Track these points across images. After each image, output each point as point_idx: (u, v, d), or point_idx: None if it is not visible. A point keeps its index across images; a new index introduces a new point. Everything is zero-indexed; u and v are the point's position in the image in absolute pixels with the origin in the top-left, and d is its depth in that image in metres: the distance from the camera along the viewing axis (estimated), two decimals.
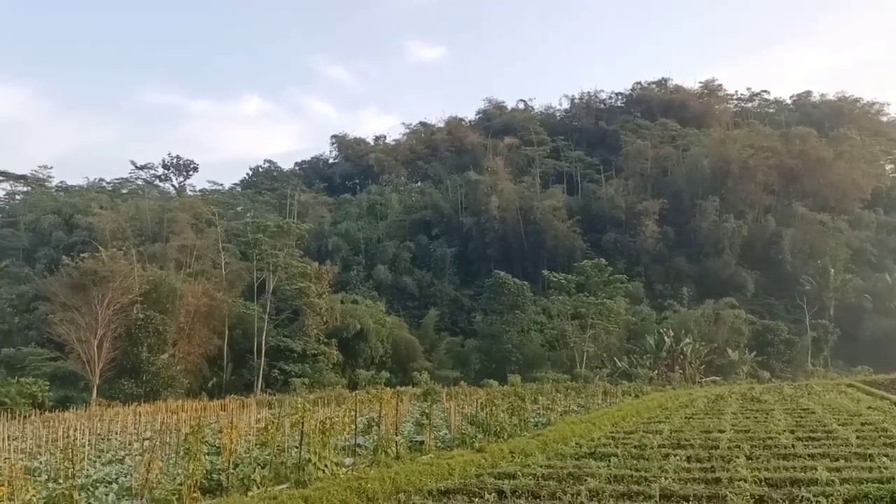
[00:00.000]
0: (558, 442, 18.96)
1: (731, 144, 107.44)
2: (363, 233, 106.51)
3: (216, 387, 59.79)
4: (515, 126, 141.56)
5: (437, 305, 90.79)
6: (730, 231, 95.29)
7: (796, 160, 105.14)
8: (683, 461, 14.74)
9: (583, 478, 13.06)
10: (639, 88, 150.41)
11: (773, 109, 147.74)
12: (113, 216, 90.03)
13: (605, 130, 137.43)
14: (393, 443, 17.16)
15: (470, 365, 71.43)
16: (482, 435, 20.10)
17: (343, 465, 15.30)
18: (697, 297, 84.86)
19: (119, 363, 54.49)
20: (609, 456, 15.77)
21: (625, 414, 27.44)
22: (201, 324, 62.60)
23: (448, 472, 14.27)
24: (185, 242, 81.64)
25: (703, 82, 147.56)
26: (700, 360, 66.87)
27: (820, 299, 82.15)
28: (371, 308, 75.32)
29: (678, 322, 72.73)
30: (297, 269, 70.07)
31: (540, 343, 73.26)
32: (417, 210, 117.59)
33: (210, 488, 13.09)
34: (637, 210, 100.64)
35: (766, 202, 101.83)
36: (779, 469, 13.33)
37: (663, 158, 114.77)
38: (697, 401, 34.54)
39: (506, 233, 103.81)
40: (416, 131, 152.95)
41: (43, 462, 15.46)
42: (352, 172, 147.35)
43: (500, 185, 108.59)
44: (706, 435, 19.55)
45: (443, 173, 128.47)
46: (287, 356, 63.80)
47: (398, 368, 69.08)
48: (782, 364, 72.30)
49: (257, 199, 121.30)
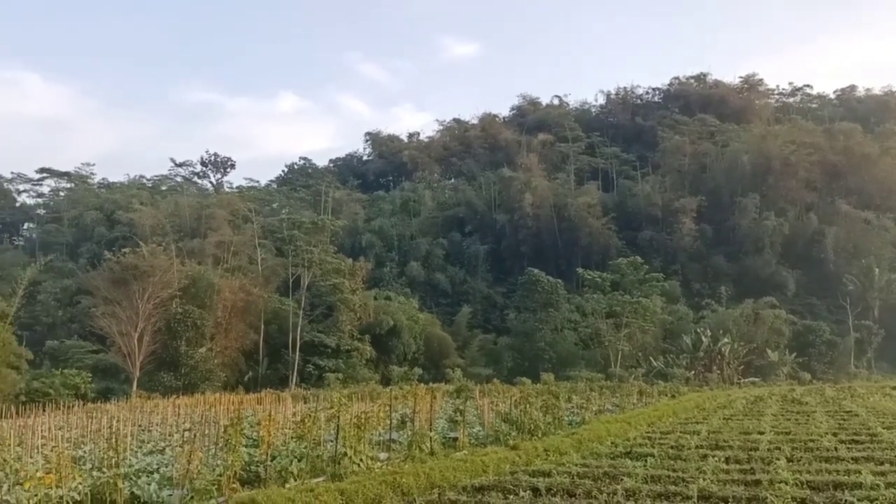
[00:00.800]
0: (593, 441, 18.79)
1: (772, 140, 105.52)
2: (396, 229, 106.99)
3: (252, 380, 60.62)
4: (550, 122, 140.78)
5: (470, 302, 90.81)
6: (770, 229, 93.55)
7: (840, 156, 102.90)
8: (722, 462, 14.49)
9: (619, 477, 12.91)
10: (677, 83, 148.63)
11: (816, 104, 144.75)
12: (153, 212, 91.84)
13: (641, 126, 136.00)
14: (427, 438, 17.18)
15: (502, 363, 71.27)
16: (516, 432, 20.03)
17: (378, 459, 15.34)
18: (736, 296, 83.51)
19: (158, 356, 55.53)
20: (645, 456, 15.57)
21: (661, 414, 27.10)
22: (238, 318, 63.52)
23: (482, 469, 14.25)
24: (222, 238, 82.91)
25: (743, 77, 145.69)
26: (738, 360, 65.81)
27: (864, 299, 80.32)
28: (404, 304, 75.63)
29: (716, 322, 71.74)
30: (332, 265, 70.65)
31: (573, 341, 72.81)
32: (451, 207, 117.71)
33: (248, 479, 13.26)
34: (674, 207, 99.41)
35: (808, 199, 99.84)
36: (821, 472, 13.03)
37: (702, 155, 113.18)
38: (736, 402, 33.97)
39: (539, 230, 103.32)
40: (449, 128, 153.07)
41: (87, 451, 15.83)
42: (385, 169, 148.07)
43: (534, 181, 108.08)
44: (745, 436, 19.20)
45: (476, 170, 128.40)
46: (321, 351, 64.40)
47: (430, 365, 69.25)
48: (824, 366, 70.92)
49: (293, 196, 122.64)
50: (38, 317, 72.41)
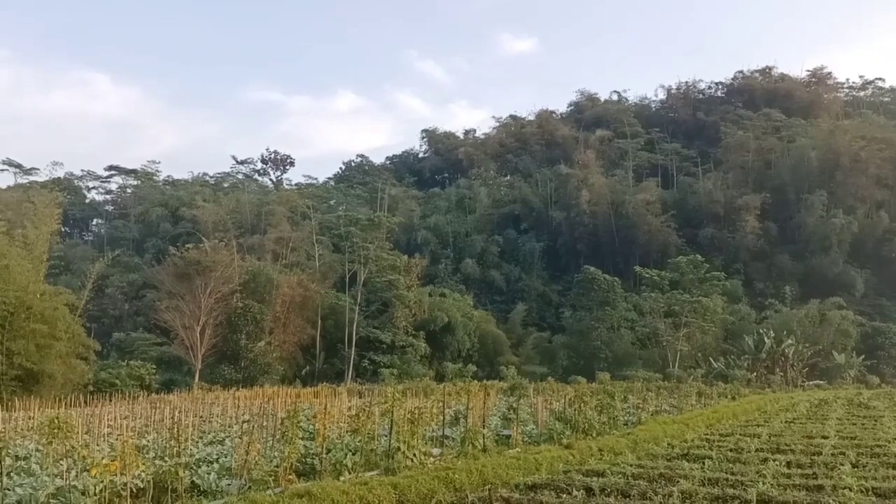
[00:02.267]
0: (649, 442, 18.51)
1: (841, 135, 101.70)
2: (452, 226, 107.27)
3: (309, 374, 61.75)
4: (608, 118, 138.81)
5: (525, 300, 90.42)
6: (838, 227, 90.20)
7: None
8: (783, 466, 14.08)
9: (675, 479, 12.69)
10: (741, 77, 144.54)
11: (889, 98, 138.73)
12: (215, 209, 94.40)
13: (703, 122, 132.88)
14: (480, 435, 17.19)
15: (557, 361, 70.75)
16: (570, 431, 19.85)
17: (431, 454, 15.44)
18: (801, 296, 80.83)
19: (219, 349, 57.06)
20: (703, 458, 15.26)
21: (720, 416, 26.48)
22: (296, 313, 64.78)
23: (535, 467, 14.21)
24: (281, 234, 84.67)
25: (810, 70, 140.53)
26: (803, 362, 63.77)
27: None
28: (458, 301, 75.78)
29: (780, 322, 69.65)
30: (387, 261, 71.35)
31: (630, 341, 71.70)
32: (506, 204, 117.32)
33: (304, 471, 13.51)
34: (737, 205, 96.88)
35: (878, 197, 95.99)
36: (888, 479, 12.52)
37: (766, 150, 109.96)
38: (799, 405, 32.93)
39: (596, 227, 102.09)
40: (505, 125, 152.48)
41: (150, 440, 16.42)
42: (441, 166, 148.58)
43: (591, 178, 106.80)
44: (808, 440, 18.61)
45: (532, 167, 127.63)
46: (376, 347, 65.13)
47: (485, 362, 69.23)
48: (893, 369, 68.28)
49: (349, 193, 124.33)
50: (106, 309, 75.30)
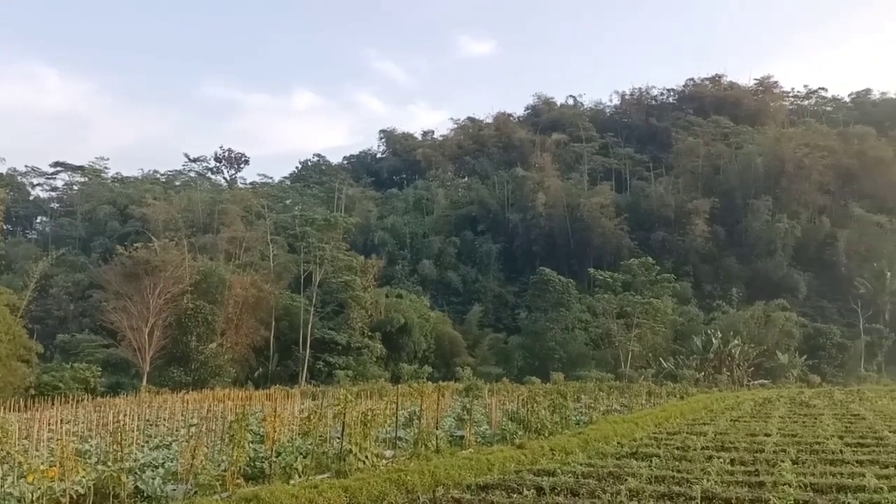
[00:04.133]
0: (599, 441, 18.80)
1: (786, 143, 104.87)
2: (409, 227, 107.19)
3: (262, 377, 60.89)
4: (564, 122, 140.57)
5: (482, 301, 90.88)
6: (783, 231, 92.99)
7: (854, 160, 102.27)
8: (727, 464, 14.47)
9: (623, 477, 12.93)
10: (692, 85, 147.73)
11: (831, 108, 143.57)
12: (166, 207, 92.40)
13: (655, 127, 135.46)
14: (433, 436, 17.22)
15: (513, 362, 71.27)
16: (523, 432, 20.02)
17: (383, 456, 15.41)
18: (747, 298, 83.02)
19: (169, 351, 55.86)
20: (651, 456, 15.58)
21: (669, 415, 27.02)
22: (249, 314, 63.82)
23: (487, 468, 14.29)
24: (234, 234, 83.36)
25: (758, 79, 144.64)
26: (748, 362, 65.48)
27: (875, 303, 79.78)
28: (415, 303, 75.75)
29: (727, 323, 71.42)
30: (344, 262, 70.89)
31: (584, 341, 72.70)
32: (463, 206, 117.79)
33: (253, 475, 13.35)
34: (687, 209, 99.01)
35: (821, 202, 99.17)
36: (825, 475, 12.97)
37: (715, 156, 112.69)
38: (744, 404, 33.81)
39: (552, 230, 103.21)
40: (463, 127, 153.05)
41: (93, 445, 15.97)
42: (399, 167, 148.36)
43: (548, 181, 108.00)
44: (752, 438, 19.15)
45: (490, 169, 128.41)
46: (332, 348, 64.62)
47: (441, 363, 69.34)
48: (834, 369, 70.54)
49: (306, 193, 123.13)
50: (50, 310, 73.04)
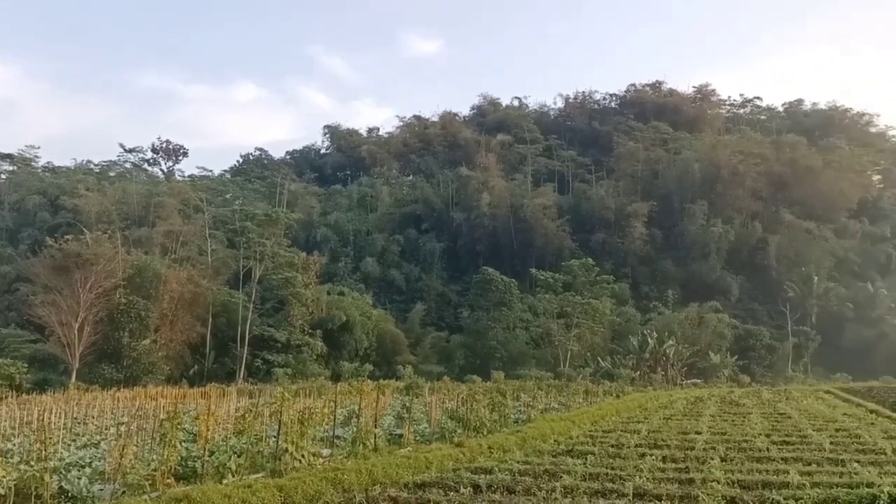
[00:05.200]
0: (537, 439, 19.02)
1: (721, 150, 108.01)
2: (352, 224, 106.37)
3: (197, 374, 59.55)
4: (509, 123, 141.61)
5: (424, 300, 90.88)
6: (717, 235, 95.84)
7: (785, 167, 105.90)
8: (659, 461, 14.84)
9: (558, 474, 13.11)
10: (633, 90, 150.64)
11: (765, 116, 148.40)
12: (99, 199, 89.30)
13: (598, 131, 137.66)
14: (372, 435, 17.14)
15: (454, 360, 71.50)
16: (462, 430, 20.12)
17: (320, 455, 15.26)
18: (682, 299, 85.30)
19: (100, 347, 54.10)
20: (586, 454, 15.85)
21: (605, 413, 27.57)
22: (185, 310, 62.28)
23: (425, 466, 14.30)
24: (171, 228, 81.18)
25: (696, 87, 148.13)
26: (682, 362, 67.30)
27: (803, 306, 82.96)
28: (357, 300, 75.22)
29: (662, 324, 73.19)
30: (285, 258, 69.83)
31: (525, 341, 73.42)
32: (408, 204, 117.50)
33: (185, 475, 13.07)
34: (626, 211, 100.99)
35: (753, 208, 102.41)
36: (752, 471, 13.44)
37: (654, 161, 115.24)
38: (677, 402, 34.75)
39: (495, 229, 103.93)
40: (409, 125, 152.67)
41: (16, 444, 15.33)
42: (343, 164, 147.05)
43: (492, 181, 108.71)
44: (683, 436, 19.68)
45: (435, 168, 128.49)
46: (271, 346, 63.60)
47: (382, 362, 69.03)
48: (763, 369, 72.96)
49: (246, 187, 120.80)
50: None
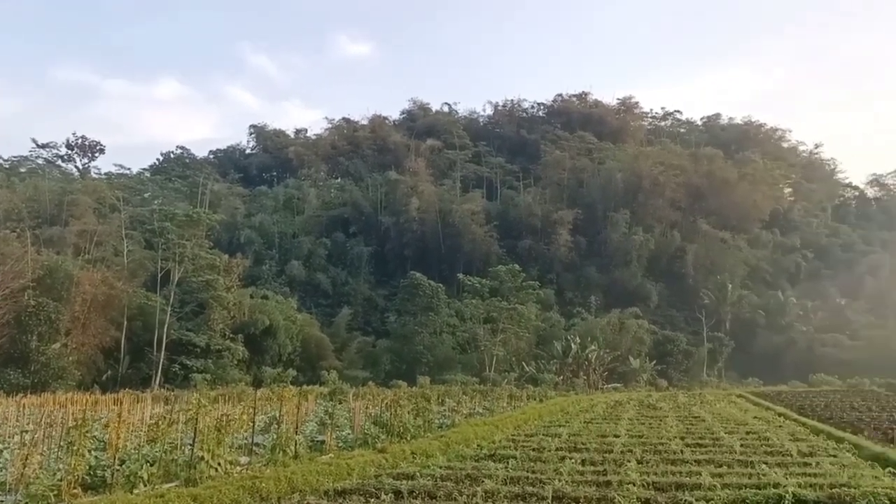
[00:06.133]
0: (460, 443, 19.08)
1: (643, 160, 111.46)
2: (278, 227, 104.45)
3: (111, 380, 57.09)
4: (439, 128, 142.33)
5: (351, 304, 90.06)
6: (638, 244, 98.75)
7: (703, 179, 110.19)
8: (578, 464, 15.11)
9: (480, 479, 13.18)
10: (560, 100, 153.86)
11: (685, 129, 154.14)
12: (8, 195, 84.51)
13: (526, 139, 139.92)
14: (292, 442, 16.79)
15: (380, 365, 71.10)
16: (385, 436, 19.98)
17: (238, 463, 14.90)
18: (605, 305, 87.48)
19: (6, 351, 51.20)
20: (508, 458, 16.00)
21: (527, 417, 27.92)
22: (98, 313, 59.55)
23: (347, 472, 14.15)
24: (85, 227, 77.57)
25: (620, 99, 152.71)
26: (603, 366, 68.93)
27: (717, 313, 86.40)
28: (282, 304, 73.85)
29: (585, 329, 74.80)
30: (206, 260, 67.86)
31: (451, 346, 73.69)
32: (336, 207, 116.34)
33: (93, 485, 12.54)
34: (552, 219, 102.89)
35: (672, 218, 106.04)
36: (666, 474, 13.85)
37: (580, 170, 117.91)
38: (597, 406, 35.56)
39: (424, 234, 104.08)
40: (338, 127, 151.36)
41: None
42: (269, 164, 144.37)
43: (421, 186, 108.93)
44: (602, 439, 20.12)
45: (364, 171, 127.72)
46: (189, 351, 61.56)
47: (307, 367, 67.92)
48: (680, 373, 75.49)
49: (167, 187, 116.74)
50: None
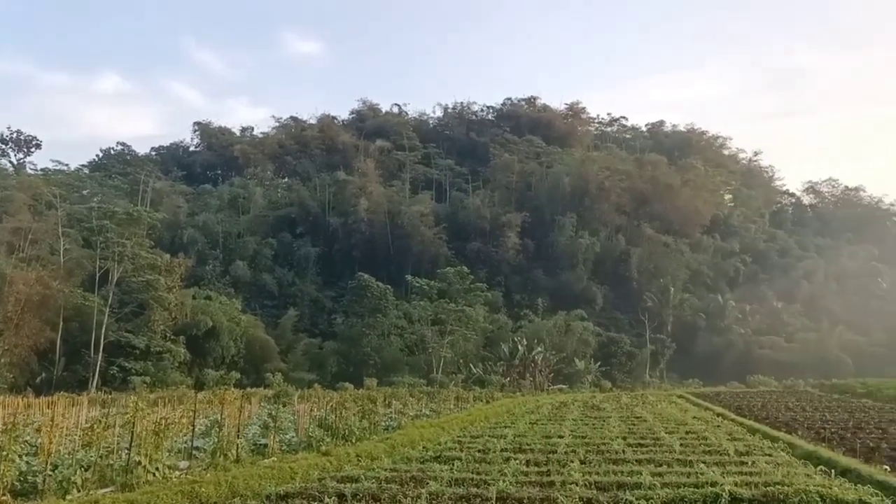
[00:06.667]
0: (406, 445, 19.04)
1: (590, 165, 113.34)
2: (222, 226, 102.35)
3: (45, 383, 55.03)
4: (388, 129, 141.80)
5: (297, 306, 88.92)
6: (584, 247, 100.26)
7: (647, 184, 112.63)
8: (523, 465, 15.22)
9: (425, 481, 13.15)
10: (509, 104, 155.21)
11: (630, 136, 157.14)
12: None
13: (475, 142, 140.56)
14: (234, 445, 16.48)
15: (327, 367, 70.42)
16: (330, 438, 19.79)
17: (177, 468, 14.56)
18: (551, 308, 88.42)
19: None
20: (454, 459, 16.01)
21: (474, 419, 28.03)
22: (32, 314, 57.23)
23: (290, 476, 13.99)
24: (19, 225, 74.41)
25: (568, 104, 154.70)
26: (550, 368, 69.70)
27: (660, 315, 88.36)
28: (226, 305, 72.46)
29: (532, 331, 75.51)
30: (146, 260, 66.09)
31: (399, 347, 73.50)
32: (283, 206, 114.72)
33: (24, 491, 12.14)
34: (501, 222, 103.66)
35: (618, 222, 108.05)
36: (608, 473, 14.07)
37: (528, 173, 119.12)
38: (543, 407, 35.93)
39: (372, 236, 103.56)
40: (286, 126, 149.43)
41: None
42: (214, 163, 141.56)
43: (370, 187, 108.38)
44: (547, 440, 20.32)
45: (312, 171, 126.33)
46: (128, 353, 59.88)
47: (251, 369, 66.79)
48: (623, 374, 76.96)
49: (106, 184, 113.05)
50: None
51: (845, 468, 14.51)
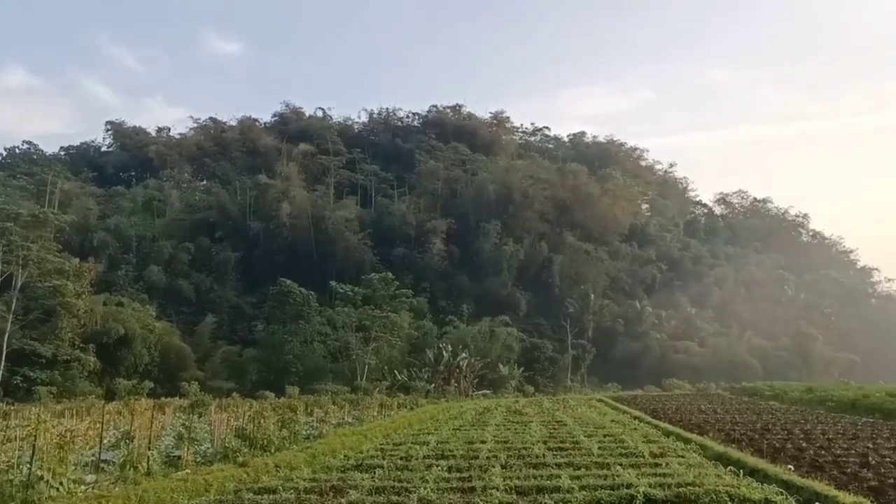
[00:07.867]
0: (327, 454, 18.73)
1: (514, 173, 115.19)
2: (136, 230, 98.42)
3: None
4: (312, 133, 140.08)
5: (216, 312, 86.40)
6: (508, 254, 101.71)
7: (569, 193, 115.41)
8: (444, 471, 15.19)
9: (345, 490, 12.95)
10: (435, 111, 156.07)
11: (553, 145, 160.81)
12: None
13: (401, 148, 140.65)
14: (144, 458, 15.79)
15: (247, 376, 68.61)
16: (248, 449, 19.23)
17: (83, 482, 13.82)
18: (476, 314, 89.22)
19: None
20: (375, 467, 15.84)
21: (397, 426, 27.87)
22: None
23: (204, 488, 13.51)
24: None
25: (493, 113, 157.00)
26: (474, 373, 70.15)
27: (581, 321, 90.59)
28: (139, 312, 69.66)
29: (457, 337, 75.95)
30: (53, 264, 62.80)
31: (322, 354, 72.42)
32: (201, 210, 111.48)
33: None
34: (426, 228, 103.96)
35: (541, 229, 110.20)
36: (528, 477, 14.19)
37: (453, 180, 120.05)
38: (467, 413, 36.07)
39: (295, 241, 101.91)
40: (205, 127, 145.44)
41: None
42: (128, 163, 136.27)
43: (293, 191, 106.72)
44: (469, 445, 20.36)
45: (232, 174, 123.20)
46: (33, 362, 56.69)
47: (166, 378, 64.39)
48: (546, 379, 78.31)
49: (10, 184, 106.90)
50: None
51: (753, 468, 15.11)
